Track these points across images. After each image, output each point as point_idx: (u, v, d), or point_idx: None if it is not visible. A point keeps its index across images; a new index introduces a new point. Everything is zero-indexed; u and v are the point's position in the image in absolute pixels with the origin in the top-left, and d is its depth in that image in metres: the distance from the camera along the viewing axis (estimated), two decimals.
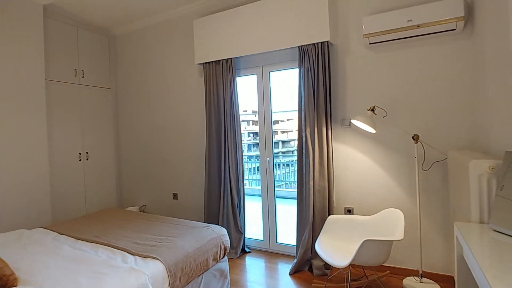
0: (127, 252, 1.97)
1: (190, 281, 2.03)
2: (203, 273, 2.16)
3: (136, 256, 1.91)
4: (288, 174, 6.61)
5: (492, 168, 1.53)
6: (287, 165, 6.66)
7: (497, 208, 1.42)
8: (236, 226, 3.17)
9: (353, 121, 2.46)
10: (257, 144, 3.29)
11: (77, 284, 1.54)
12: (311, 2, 2.68)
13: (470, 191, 1.60)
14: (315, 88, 2.71)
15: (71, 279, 1.60)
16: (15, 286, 1.60)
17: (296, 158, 2.90)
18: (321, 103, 2.68)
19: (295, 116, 2.96)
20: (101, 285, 1.53)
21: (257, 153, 3.29)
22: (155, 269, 1.78)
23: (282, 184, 6.49)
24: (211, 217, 3.32)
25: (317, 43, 2.68)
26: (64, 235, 2.35)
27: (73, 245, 2.13)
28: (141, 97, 4.11)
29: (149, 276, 1.70)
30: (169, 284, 1.81)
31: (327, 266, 2.70)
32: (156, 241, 2.16)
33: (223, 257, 2.37)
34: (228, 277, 2.42)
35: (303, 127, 2.76)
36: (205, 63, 3.31)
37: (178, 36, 3.74)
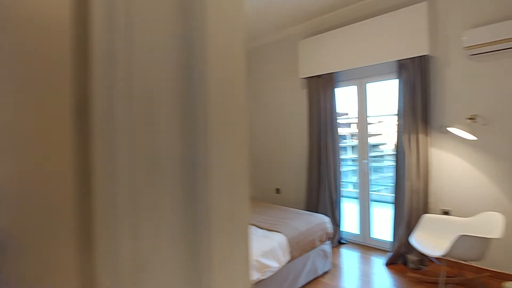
0: (257, 227, 2.63)
1: (302, 254, 2.58)
2: (311, 250, 2.69)
3: (264, 230, 2.55)
4: (379, 180, 6.65)
5: None
6: (379, 169, 6.72)
7: None
8: (333, 219, 3.62)
9: (449, 129, 2.67)
10: (348, 147, 3.67)
11: None
12: (410, 19, 2.96)
13: None
14: (413, 97, 2.98)
15: None
16: None
17: (386, 163, 3.20)
18: (418, 111, 2.94)
19: (386, 119, 3.26)
20: None
21: (348, 156, 3.66)
22: (279, 239, 2.38)
23: (375, 190, 6.56)
24: (311, 210, 3.83)
25: (416, 57, 2.94)
26: None
27: None
28: (252, 105, 4.91)
29: (276, 242, 2.31)
30: (289, 252, 2.39)
31: (421, 262, 2.93)
32: (274, 221, 2.78)
33: (326, 240, 2.86)
34: (330, 258, 2.91)
35: (401, 133, 3.06)
36: (308, 77, 3.85)
37: (284, 54, 4.39)
